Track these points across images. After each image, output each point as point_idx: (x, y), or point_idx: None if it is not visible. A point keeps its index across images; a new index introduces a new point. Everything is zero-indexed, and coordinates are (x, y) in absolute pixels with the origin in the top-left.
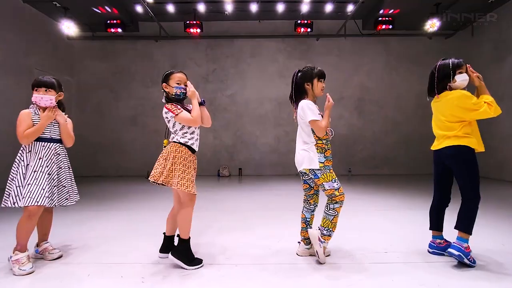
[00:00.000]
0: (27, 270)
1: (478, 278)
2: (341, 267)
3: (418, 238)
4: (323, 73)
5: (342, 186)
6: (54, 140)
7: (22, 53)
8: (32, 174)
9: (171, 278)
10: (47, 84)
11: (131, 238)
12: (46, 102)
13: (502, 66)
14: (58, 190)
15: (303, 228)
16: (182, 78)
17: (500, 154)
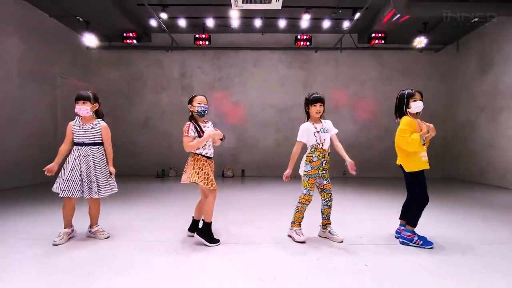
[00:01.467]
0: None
1: (419, 253)
2: (324, 247)
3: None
4: (315, 99)
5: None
6: (84, 144)
7: (47, 62)
8: (65, 171)
9: (197, 252)
10: (83, 97)
11: (157, 225)
12: (83, 112)
13: (485, 79)
14: (89, 184)
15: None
16: (202, 99)
17: (482, 160)
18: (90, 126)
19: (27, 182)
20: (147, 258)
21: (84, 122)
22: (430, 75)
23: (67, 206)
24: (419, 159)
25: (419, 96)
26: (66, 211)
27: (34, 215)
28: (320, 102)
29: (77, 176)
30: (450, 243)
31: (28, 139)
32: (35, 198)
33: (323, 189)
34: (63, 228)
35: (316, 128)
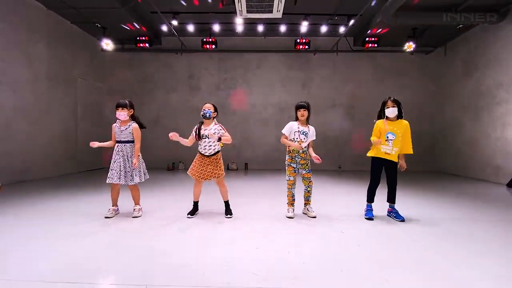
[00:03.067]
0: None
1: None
2: (313, 220)
3: None
4: (299, 106)
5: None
6: (121, 142)
7: (69, 65)
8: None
9: (213, 223)
10: (122, 105)
11: (172, 208)
12: (122, 117)
13: (469, 81)
14: (125, 174)
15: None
16: (205, 106)
17: (465, 155)
18: (125, 127)
19: (53, 173)
20: (173, 229)
21: (122, 124)
22: (420, 76)
23: (113, 190)
24: (377, 149)
25: (391, 104)
26: (112, 194)
27: (76, 199)
28: (303, 108)
29: (117, 167)
30: (421, 219)
31: (53, 136)
32: (64, 187)
33: (303, 177)
34: (111, 206)
35: (298, 128)
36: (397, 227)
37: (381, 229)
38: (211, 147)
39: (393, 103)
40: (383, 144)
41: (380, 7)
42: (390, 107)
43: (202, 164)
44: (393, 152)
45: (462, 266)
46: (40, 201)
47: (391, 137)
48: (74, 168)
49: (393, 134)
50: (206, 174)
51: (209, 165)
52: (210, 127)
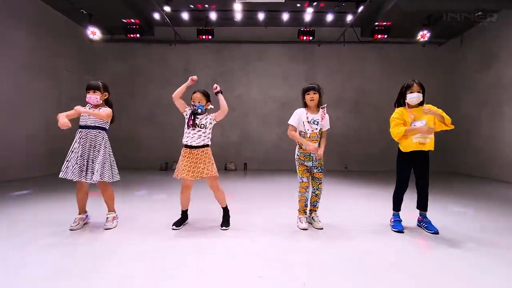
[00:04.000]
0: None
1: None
2: (329, 234)
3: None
4: (308, 88)
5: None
6: (86, 127)
7: (53, 56)
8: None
9: (203, 236)
10: (94, 87)
11: (161, 213)
12: (93, 101)
13: (487, 74)
14: (88, 168)
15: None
16: (194, 97)
17: (484, 154)
18: (94, 110)
19: (33, 174)
20: (154, 243)
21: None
22: (432, 69)
23: (79, 191)
24: (407, 141)
25: (417, 88)
26: (78, 196)
27: (45, 204)
28: (313, 91)
29: (74, 158)
30: (457, 230)
31: (34, 132)
32: (43, 189)
33: (313, 177)
34: (78, 214)
35: (307, 117)
36: (436, 243)
37: (417, 245)
38: (201, 138)
39: (420, 87)
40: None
41: None
42: (415, 91)
43: (190, 159)
44: (428, 140)
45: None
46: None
47: (420, 124)
48: (58, 167)
49: (422, 122)
50: (196, 171)
51: (199, 160)
52: (202, 116)
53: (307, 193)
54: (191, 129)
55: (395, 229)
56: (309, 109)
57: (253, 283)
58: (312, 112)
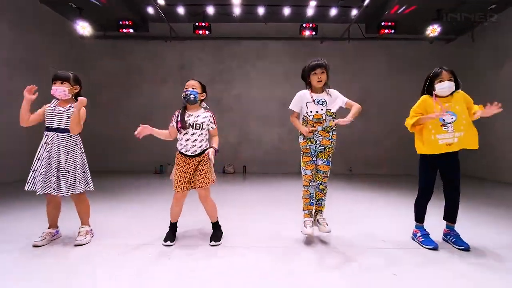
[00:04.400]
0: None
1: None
2: (340, 251)
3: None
4: (314, 66)
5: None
6: (54, 130)
7: (39, 52)
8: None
9: (193, 256)
10: (61, 77)
11: (149, 225)
12: (60, 94)
13: (501, 71)
14: (59, 179)
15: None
16: (189, 84)
17: (498, 155)
18: (63, 109)
19: (14, 177)
20: (134, 264)
21: (60, 105)
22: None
23: (49, 203)
24: (431, 142)
25: (448, 76)
26: (49, 209)
27: (18, 213)
28: (321, 68)
29: (41, 167)
30: (490, 248)
31: (16, 133)
32: (21, 196)
33: (317, 169)
34: (47, 228)
35: (312, 97)
36: (471, 264)
37: (453, 269)
38: (197, 143)
39: (450, 74)
40: (439, 132)
41: None
42: (446, 80)
43: (186, 169)
44: (456, 140)
45: None
46: None
47: (449, 119)
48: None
49: (453, 114)
50: (193, 181)
51: (197, 169)
52: (198, 113)
53: (311, 187)
54: (183, 133)
55: (428, 245)
56: (313, 89)
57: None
58: (317, 92)
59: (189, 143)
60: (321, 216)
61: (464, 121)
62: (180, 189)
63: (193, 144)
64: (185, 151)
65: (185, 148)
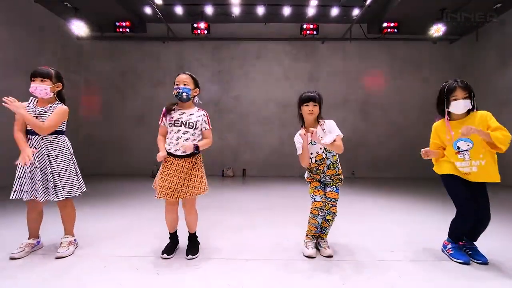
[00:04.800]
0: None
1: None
2: (346, 263)
3: (424, 239)
4: (307, 98)
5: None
6: (36, 133)
7: (33, 52)
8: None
9: (183, 270)
10: (42, 74)
11: (141, 233)
12: (41, 92)
13: (507, 71)
14: (44, 184)
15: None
16: (179, 79)
17: (504, 159)
18: (43, 109)
19: (8, 181)
20: (119, 278)
21: (40, 105)
22: (445, 67)
23: (30, 211)
24: (449, 164)
25: (462, 93)
26: (30, 217)
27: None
28: (313, 102)
29: (27, 173)
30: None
31: (9, 135)
32: None
33: (326, 197)
34: (26, 238)
35: (308, 140)
36: (487, 277)
37: (465, 284)
38: (188, 142)
39: (465, 91)
40: (456, 159)
41: None
42: (460, 98)
43: (174, 173)
44: (474, 169)
45: None
46: None
47: (465, 147)
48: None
49: (468, 141)
50: (180, 190)
51: (187, 175)
52: (191, 111)
53: (319, 216)
54: (175, 128)
55: (459, 260)
56: (306, 123)
57: None
58: (311, 127)
59: (180, 141)
60: (323, 240)
61: (483, 149)
62: (163, 195)
63: (184, 143)
64: (174, 151)
65: (175, 148)
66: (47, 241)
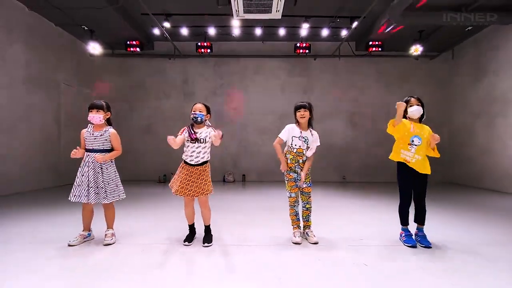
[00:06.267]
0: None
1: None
2: (324, 247)
3: (390, 231)
4: (300, 106)
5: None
6: (93, 151)
7: (52, 70)
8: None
9: (202, 252)
10: (98, 106)
11: (165, 228)
12: (96, 120)
13: (479, 86)
14: (97, 190)
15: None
16: (196, 107)
17: (478, 164)
18: (99, 133)
19: (32, 187)
20: (153, 261)
21: (95, 130)
22: (426, 81)
23: (84, 209)
24: (397, 152)
25: (415, 101)
26: (84, 214)
27: (44, 219)
28: (304, 108)
29: (85, 182)
30: (450, 244)
31: (32, 145)
32: (43, 203)
33: (302, 192)
34: (81, 230)
35: (301, 133)
36: (430, 257)
37: (410, 260)
38: (200, 154)
39: (418, 101)
40: (404, 148)
41: (385, 9)
42: (414, 104)
43: (190, 177)
44: (414, 160)
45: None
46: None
47: (417, 142)
48: (56, 181)
49: (419, 139)
50: (195, 190)
51: (198, 179)
52: (201, 130)
53: (296, 207)
54: (191, 144)
55: (409, 243)
56: (300, 125)
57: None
58: (303, 129)
59: (194, 154)
60: (309, 230)
61: (424, 149)
62: (180, 193)
63: (197, 155)
64: (190, 161)
65: (190, 158)
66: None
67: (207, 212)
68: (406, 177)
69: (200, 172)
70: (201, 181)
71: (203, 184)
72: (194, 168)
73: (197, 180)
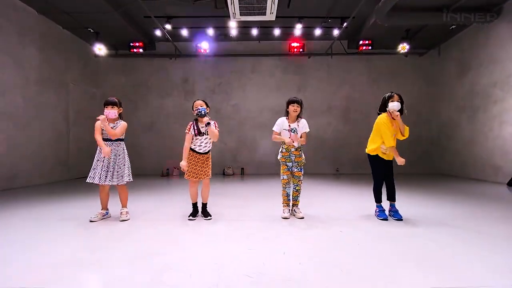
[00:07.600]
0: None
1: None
2: (308, 221)
3: (366, 209)
4: (292, 100)
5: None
6: (109, 140)
7: (61, 71)
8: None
9: (206, 224)
10: (112, 103)
11: (171, 208)
12: (112, 115)
13: (463, 81)
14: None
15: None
16: (197, 103)
17: (463, 156)
18: (113, 125)
19: (45, 180)
20: (161, 230)
21: (110, 122)
22: (415, 78)
23: (101, 191)
24: (378, 150)
25: (397, 98)
26: (101, 196)
27: (64, 204)
28: (296, 103)
29: (100, 166)
30: (424, 219)
31: (43, 142)
32: (59, 192)
33: (293, 175)
34: (100, 209)
35: (289, 126)
36: (399, 227)
37: (381, 229)
38: (207, 145)
39: (398, 97)
40: (389, 143)
41: (373, 10)
42: (395, 100)
43: (197, 163)
44: (387, 151)
45: (475, 263)
46: (25, 207)
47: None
48: (66, 175)
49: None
50: (201, 173)
51: (203, 164)
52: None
53: (288, 188)
54: (199, 137)
55: (381, 217)
56: (290, 118)
57: (245, 254)
58: (292, 121)
59: (202, 144)
60: (297, 207)
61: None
62: (191, 176)
63: (205, 145)
64: (198, 150)
65: (199, 148)
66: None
67: (206, 191)
68: (377, 164)
69: (205, 159)
70: (206, 166)
71: (207, 169)
72: (201, 156)
73: (203, 165)
